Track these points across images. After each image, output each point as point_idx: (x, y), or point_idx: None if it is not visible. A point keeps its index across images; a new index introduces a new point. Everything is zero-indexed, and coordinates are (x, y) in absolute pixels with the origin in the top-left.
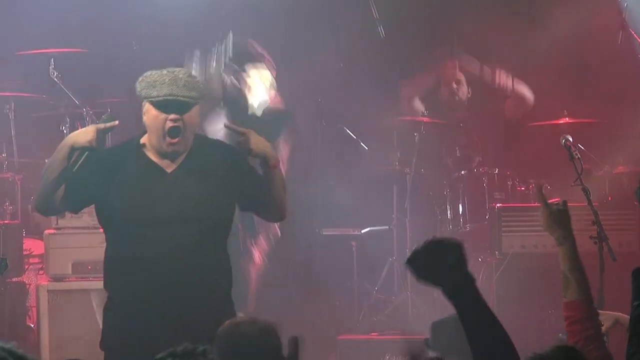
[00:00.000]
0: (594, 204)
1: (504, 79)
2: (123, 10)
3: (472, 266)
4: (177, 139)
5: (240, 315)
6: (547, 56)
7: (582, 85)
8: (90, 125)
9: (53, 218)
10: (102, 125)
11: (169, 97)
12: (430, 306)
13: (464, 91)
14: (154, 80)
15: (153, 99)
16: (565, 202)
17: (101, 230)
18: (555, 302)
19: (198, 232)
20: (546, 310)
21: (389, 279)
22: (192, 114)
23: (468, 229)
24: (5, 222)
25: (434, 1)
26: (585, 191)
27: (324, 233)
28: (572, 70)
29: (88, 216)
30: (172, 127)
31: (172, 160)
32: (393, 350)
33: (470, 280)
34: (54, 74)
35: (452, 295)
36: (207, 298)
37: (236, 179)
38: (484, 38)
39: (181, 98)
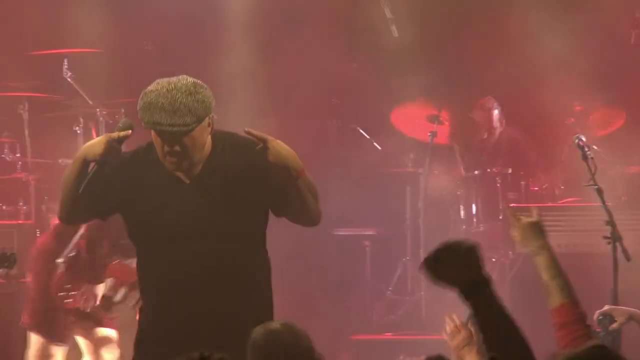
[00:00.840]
0: (607, 204)
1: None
2: (136, 10)
3: (485, 266)
4: (176, 160)
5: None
6: (564, 57)
7: (597, 87)
8: (103, 135)
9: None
10: (115, 135)
11: (156, 127)
12: (444, 306)
13: (497, 117)
14: (149, 102)
15: (145, 124)
16: (537, 213)
17: None
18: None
19: (220, 248)
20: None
21: (402, 279)
22: (193, 135)
23: (481, 229)
24: (19, 222)
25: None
26: (599, 191)
27: (336, 233)
28: (586, 70)
29: None
30: (168, 152)
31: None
32: (407, 351)
33: (486, 282)
34: (67, 74)
35: (468, 296)
36: (244, 316)
37: (263, 185)
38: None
39: (169, 128)
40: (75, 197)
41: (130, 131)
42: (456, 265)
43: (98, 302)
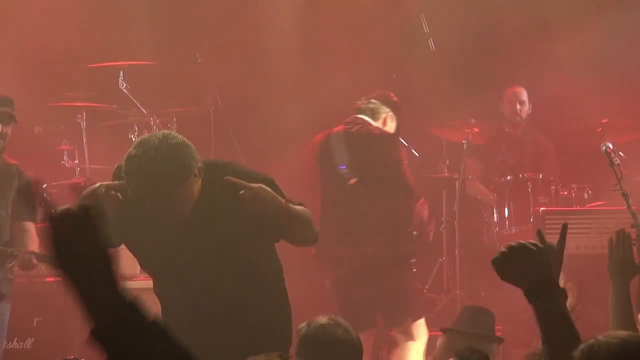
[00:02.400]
0: (633, 207)
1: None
2: (188, 23)
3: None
4: (167, 217)
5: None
6: (590, 65)
7: (622, 93)
8: (100, 185)
9: None
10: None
11: (142, 199)
12: (479, 304)
13: (525, 110)
14: (132, 171)
15: (131, 193)
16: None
17: None
18: (597, 301)
19: (221, 278)
20: (587, 309)
21: (438, 278)
22: (179, 194)
23: (513, 231)
24: None
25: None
26: (625, 195)
27: None
28: (612, 79)
29: None
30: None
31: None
32: None
33: (551, 286)
34: (123, 85)
35: (531, 297)
36: (260, 340)
37: (253, 214)
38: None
39: (154, 200)
40: None
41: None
42: (525, 265)
43: None
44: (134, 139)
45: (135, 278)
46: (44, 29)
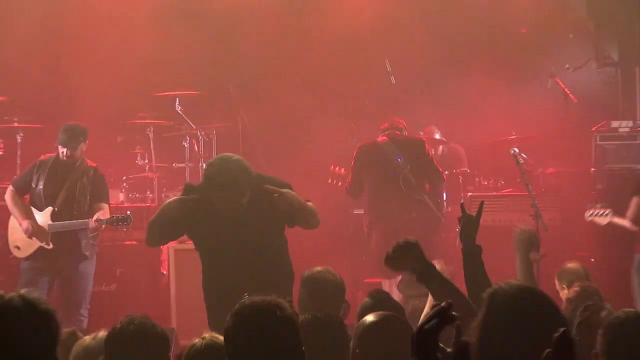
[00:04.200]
0: (533, 193)
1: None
2: (222, 64)
3: (451, 236)
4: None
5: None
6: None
7: (525, 117)
8: (179, 199)
9: None
10: (183, 199)
11: (224, 203)
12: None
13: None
14: (218, 169)
15: (216, 199)
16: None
17: None
18: (506, 259)
19: (262, 253)
20: (499, 265)
21: None
22: (243, 185)
23: (449, 210)
24: (147, 205)
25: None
26: (527, 185)
27: (355, 213)
28: (518, 108)
29: None
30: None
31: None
32: None
33: (431, 267)
34: (178, 108)
35: (420, 278)
36: (276, 284)
37: (274, 211)
38: None
39: (233, 203)
40: (160, 233)
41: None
42: (410, 257)
43: None
44: (186, 145)
45: (185, 242)
46: (124, 68)
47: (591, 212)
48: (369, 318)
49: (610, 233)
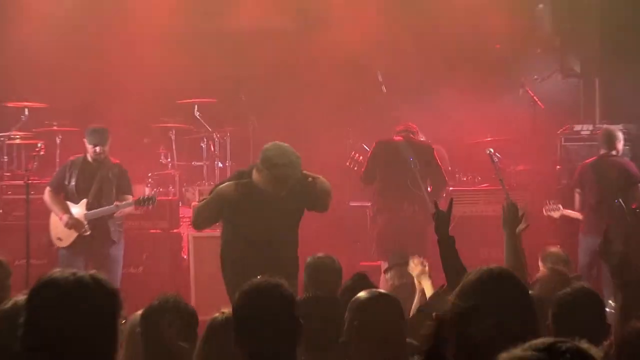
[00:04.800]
0: (506, 187)
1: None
2: (234, 75)
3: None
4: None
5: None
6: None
7: (499, 122)
8: (233, 183)
9: (197, 195)
10: (236, 183)
11: (286, 177)
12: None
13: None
14: (277, 162)
15: (275, 175)
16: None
17: None
18: (487, 242)
19: (291, 230)
20: (480, 248)
21: None
22: (298, 169)
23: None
24: (170, 198)
25: None
26: (501, 180)
27: (351, 204)
28: (492, 115)
29: None
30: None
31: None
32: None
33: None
34: (197, 113)
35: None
36: (290, 266)
37: (305, 197)
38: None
39: (291, 177)
40: (209, 216)
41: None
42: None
43: None
44: (203, 146)
45: (203, 230)
46: (150, 79)
47: (546, 207)
48: (364, 294)
49: (571, 223)
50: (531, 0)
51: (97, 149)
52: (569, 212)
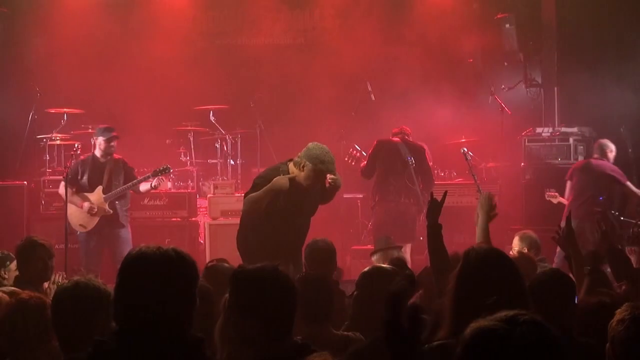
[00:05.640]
0: (478, 182)
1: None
2: (244, 83)
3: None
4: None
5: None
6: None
7: (472, 124)
8: (287, 177)
9: (212, 188)
10: (286, 177)
11: (331, 172)
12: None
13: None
14: (325, 160)
15: (323, 170)
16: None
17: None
18: (460, 229)
19: (307, 221)
20: (455, 235)
21: None
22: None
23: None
24: (188, 191)
25: None
26: (473, 176)
27: (345, 196)
28: (466, 114)
29: (230, 188)
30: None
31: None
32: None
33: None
34: (212, 118)
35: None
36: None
37: (324, 192)
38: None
39: (333, 172)
40: (263, 203)
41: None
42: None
43: None
44: (217, 146)
45: (218, 218)
46: (172, 89)
47: (547, 193)
48: (365, 269)
49: (534, 211)
50: (499, 21)
51: (114, 143)
52: (563, 200)
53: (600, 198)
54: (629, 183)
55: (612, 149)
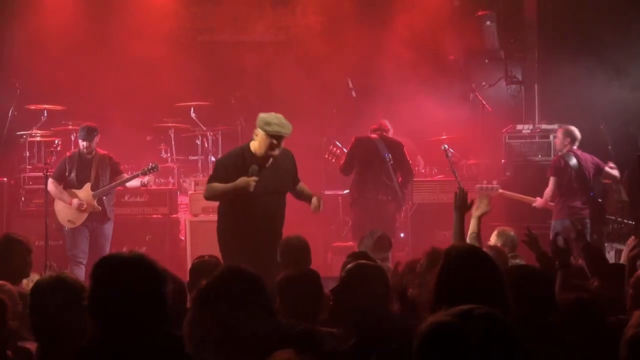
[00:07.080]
0: (459, 179)
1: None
2: (224, 80)
3: (404, 216)
4: (277, 151)
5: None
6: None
7: (452, 122)
8: (249, 179)
9: (193, 185)
10: (252, 180)
11: (279, 133)
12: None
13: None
14: (271, 121)
15: (269, 131)
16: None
17: None
18: (442, 225)
19: (281, 199)
20: (437, 231)
21: None
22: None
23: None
24: (169, 187)
25: None
26: (454, 172)
27: (326, 193)
28: (448, 111)
29: None
30: (276, 146)
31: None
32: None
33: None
34: (193, 115)
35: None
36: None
37: (292, 171)
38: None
39: (284, 134)
40: (220, 197)
41: (256, 178)
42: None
43: None
44: (198, 143)
45: (198, 215)
46: (153, 85)
47: (479, 186)
48: (351, 265)
49: (514, 208)
50: (480, 19)
51: (85, 144)
52: (510, 194)
53: (592, 193)
54: (607, 168)
55: (577, 136)
